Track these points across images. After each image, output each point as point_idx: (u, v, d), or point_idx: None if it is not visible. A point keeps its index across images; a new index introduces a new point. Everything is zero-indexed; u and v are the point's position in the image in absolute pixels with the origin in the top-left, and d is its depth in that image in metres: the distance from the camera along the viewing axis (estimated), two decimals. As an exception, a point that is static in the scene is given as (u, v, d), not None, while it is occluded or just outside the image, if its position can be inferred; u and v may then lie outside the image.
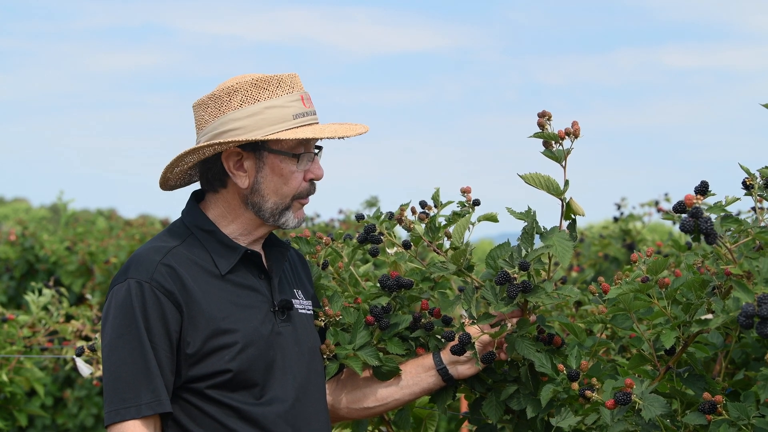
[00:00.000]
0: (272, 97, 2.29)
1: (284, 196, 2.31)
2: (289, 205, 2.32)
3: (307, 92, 2.35)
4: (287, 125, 2.28)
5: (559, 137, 2.28)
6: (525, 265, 2.27)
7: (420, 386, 2.46)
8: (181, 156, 2.31)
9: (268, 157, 2.29)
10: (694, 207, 2.01)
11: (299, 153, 2.30)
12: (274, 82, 2.30)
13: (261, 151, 2.29)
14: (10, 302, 7.89)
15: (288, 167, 2.29)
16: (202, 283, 2.24)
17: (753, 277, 2.03)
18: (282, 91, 2.30)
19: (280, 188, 2.30)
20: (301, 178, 2.31)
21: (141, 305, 2.17)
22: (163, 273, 2.21)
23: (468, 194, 2.52)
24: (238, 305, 2.26)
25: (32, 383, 4.54)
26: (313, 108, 2.35)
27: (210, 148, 2.27)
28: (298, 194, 2.32)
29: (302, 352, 2.34)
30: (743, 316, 1.93)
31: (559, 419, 2.27)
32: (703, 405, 2.15)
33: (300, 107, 2.31)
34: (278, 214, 2.32)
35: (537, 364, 2.32)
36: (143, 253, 2.25)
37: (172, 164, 2.33)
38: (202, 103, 2.33)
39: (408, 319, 2.51)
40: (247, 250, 2.32)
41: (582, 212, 2.31)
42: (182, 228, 2.33)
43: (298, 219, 2.34)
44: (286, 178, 2.30)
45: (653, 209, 6.28)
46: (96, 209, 14.95)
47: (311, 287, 2.55)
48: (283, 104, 2.29)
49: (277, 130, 2.27)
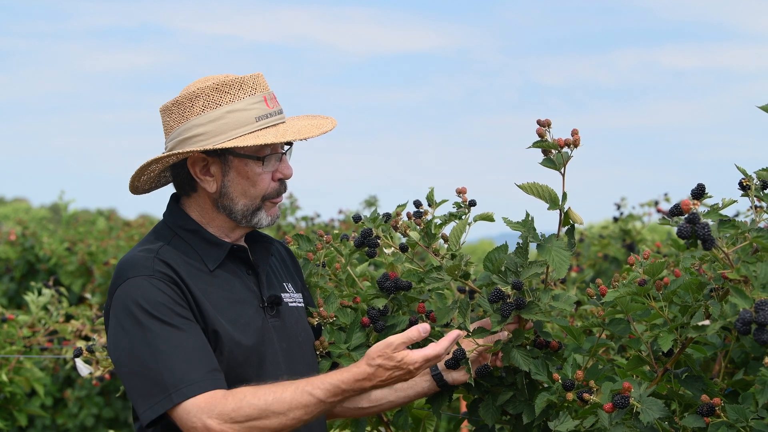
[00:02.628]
0: (234, 100, 2.28)
1: (253, 198, 2.31)
2: (259, 206, 2.32)
3: (271, 92, 2.34)
4: (249, 128, 2.27)
5: (559, 146, 2.27)
6: (518, 285, 2.27)
7: (414, 390, 2.46)
8: (145, 166, 2.31)
9: (233, 161, 2.29)
10: (691, 212, 2.00)
11: (264, 155, 2.29)
12: (236, 84, 2.29)
13: (226, 155, 2.29)
14: (10, 302, 7.89)
15: (253, 170, 2.29)
16: (195, 279, 2.24)
17: (750, 282, 2.03)
18: (244, 94, 2.30)
19: (248, 190, 2.30)
20: (269, 179, 2.31)
21: (157, 292, 2.17)
22: (162, 267, 2.21)
23: (464, 195, 2.50)
24: (230, 300, 2.27)
25: (32, 383, 4.54)
26: (279, 107, 2.34)
27: (172, 156, 2.27)
28: (268, 195, 2.32)
29: (293, 346, 2.34)
30: (741, 323, 1.92)
31: (557, 423, 2.27)
32: (702, 407, 2.15)
33: (263, 109, 2.30)
34: (250, 216, 2.32)
35: (533, 372, 2.32)
36: (134, 256, 2.25)
37: (137, 174, 2.33)
38: (166, 108, 2.33)
39: (405, 321, 2.51)
40: (234, 245, 2.33)
41: (580, 221, 2.30)
42: (166, 229, 2.34)
43: (271, 217, 2.34)
44: (252, 181, 2.29)
45: (653, 209, 6.28)
46: (96, 209, 14.94)
47: (301, 279, 2.55)
48: (245, 107, 2.29)
49: (239, 134, 2.26)
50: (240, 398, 2.12)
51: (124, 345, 2.17)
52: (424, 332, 2.11)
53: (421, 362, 2.14)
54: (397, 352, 2.11)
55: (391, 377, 2.14)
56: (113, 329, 2.21)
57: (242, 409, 2.11)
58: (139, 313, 2.15)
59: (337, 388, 2.12)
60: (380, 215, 2.58)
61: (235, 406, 2.10)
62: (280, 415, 2.11)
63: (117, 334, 2.19)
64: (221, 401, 2.11)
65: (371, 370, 2.12)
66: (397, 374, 2.14)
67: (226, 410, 2.10)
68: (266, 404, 2.11)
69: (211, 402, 2.11)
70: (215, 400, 2.12)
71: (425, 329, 2.12)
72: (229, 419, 2.10)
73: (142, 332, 2.15)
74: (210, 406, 2.11)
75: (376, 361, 2.11)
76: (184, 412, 2.11)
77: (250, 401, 2.11)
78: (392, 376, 2.13)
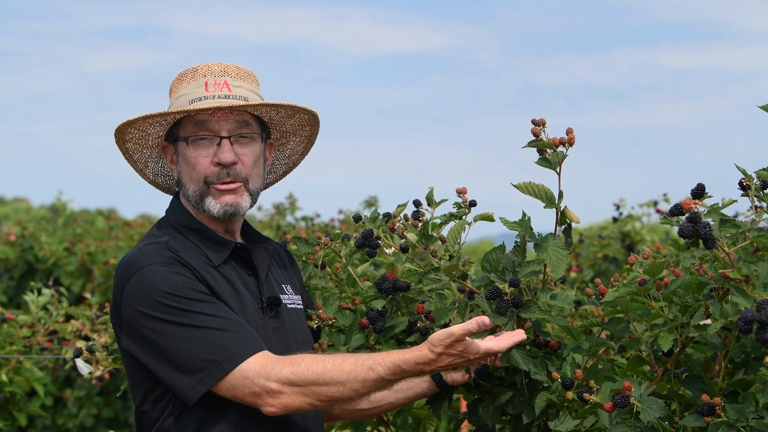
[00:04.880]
0: (183, 87, 2.37)
1: (197, 182, 2.32)
2: (204, 191, 2.32)
3: (223, 79, 2.35)
4: (177, 111, 2.30)
5: (554, 145, 2.27)
6: (515, 282, 2.27)
7: (414, 391, 2.45)
8: (127, 156, 2.44)
9: (180, 145, 2.34)
10: (693, 212, 2.00)
11: (188, 136, 2.31)
12: (190, 72, 2.38)
13: (177, 141, 2.35)
14: (10, 302, 7.89)
15: (190, 152, 2.32)
16: (203, 271, 2.25)
17: (751, 281, 2.03)
18: (191, 80, 2.37)
19: (191, 174, 2.33)
20: (206, 162, 2.31)
21: (176, 276, 2.18)
22: (174, 256, 2.23)
23: (464, 195, 2.49)
24: (233, 297, 2.27)
25: (32, 383, 4.55)
26: (226, 92, 2.33)
27: (120, 143, 2.39)
28: (208, 178, 2.31)
29: (292, 347, 2.34)
30: (742, 322, 1.92)
31: (557, 423, 2.27)
32: (702, 407, 2.15)
33: (200, 92, 2.33)
34: (199, 201, 2.33)
35: (532, 372, 2.32)
36: (142, 249, 2.26)
37: (133, 164, 2.47)
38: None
39: (404, 322, 2.50)
40: (237, 244, 2.34)
41: (577, 219, 2.30)
42: (168, 226, 2.36)
43: (220, 205, 2.31)
44: (192, 164, 2.32)
45: (652, 209, 6.29)
46: (96, 209, 14.95)
47: (300, 282, 2.55)
48: (185, 92, 2.34)
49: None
50: (297, 362, 2.12)
51: (154, 330, 2.16)
52: (482, 325, 2.12)
53: (482, 354, 2.17)
54: (459, 342, 2.12)
55: (451, 364, 2.17)
56: (134, 319, 2.19)
57: (301, 372, 2.11)
58: (164, 297, 2.15)
59: (398, 368, 2.14)
60: (380, 215, 2.58)
61: (294, 370, 2.11)
62: (338, 384, 2.12)
63: (141, 322, 2.18)
64: (277, 364, 2.12)
65: (433, 356, 2.14)
66: (457, 362, 2.17)
67: (284, 373, 2.11)
68: (325, 371, 2.12)
69: (266, 365, 2.12)
70: (270, 363, 2.12)
71: (483, 322, 2.12)
72: (288, 382, 2.11)
73: (170, 314, 2.15)
74: (266, 369, 2.11)
75: (437, 349, 2.13)
76: (241, 378, 2.12)
77: (309, 366, 2.12)
78: (452, 362, 2.17)
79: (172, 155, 2.38)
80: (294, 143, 2.55)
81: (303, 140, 2.54)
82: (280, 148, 2.56)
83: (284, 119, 2.46)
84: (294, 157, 2.59)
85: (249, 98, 2.34)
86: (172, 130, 2.37)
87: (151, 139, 2.41)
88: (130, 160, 2.45)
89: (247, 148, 2.33)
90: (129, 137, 2.39)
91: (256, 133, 2.36)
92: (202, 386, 2.13)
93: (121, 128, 2.35)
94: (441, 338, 2.13)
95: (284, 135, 2.53)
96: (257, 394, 2.11)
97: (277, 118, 2.45)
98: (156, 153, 2.45)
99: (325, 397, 2.13)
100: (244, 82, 2.38)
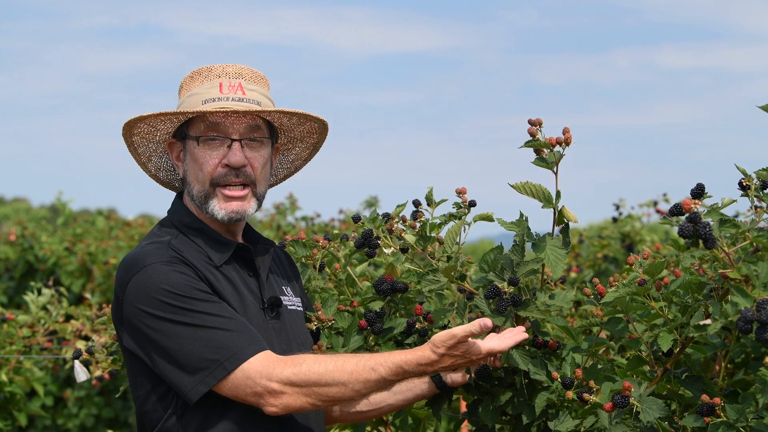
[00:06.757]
0: (196, 86, 2.36)
1: (203, 182, 2.31)
2: (209, 193, 2.31)
3: (237, 81, 2.35)
4: (193, 111, 2.30)
5: (551, 144, 2.27)
6: (514, 281, 2.27)
7: (413, 392, 2.44)
8: (133, 151, 2.44)
9: (189, 144, 2.33)
10: (693, 212, 2.00)
11: (198, 135, 2.30)
12: (205, 72, 2.37)
13: (185, 139, 2.34)
14: (10, 302, 7.89)
15: (199, 152, 2.31)
16: (206, 270, 2.25)
17: (751, 281, 2.03)
18: (205, 79, 2.36)
19: (197, 174, 2.32)
20: (214, 163, 2.30)
21: (178, 275, 2.18)
22: (177, 255, 2.23)
23: (463, 195, 2.49)
24: (234, 297, 2.27)
25: (32, 383, 4.55)
26: (240, 95, 2.33)
27: (127, 136, 2.38)
28: (214, 180, 2.31)
29: (292, 348, 2.34)
30: (742, 321, 1.93)
31: (557, 423, 2.27)
32: (702, 407, 2.15)
33: (214, 93, 2.33)
34: (203, 202, 2.32)
35: (532, 372, 2.32)
36: (144, 249, 2.26)
37: (137, 157, 2.46)
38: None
39: (402, 324, 2.50)
40: (239, 244, 2.34)
41: (574, 219, 2.30)
42: (170, 225, 2.36)
43: (225, 210, 2.31)
44: (200, 164, 2.31)
45: (652, 209, 6.29)
46: (96, 209, 14.94)
47: (299, 284, 2.55)
48: (198, 92, 2.33)
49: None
50: (299, 362, 2.13)
51: (156, 329, 2.16)
52: (484, 327, 2.12)
53: (484, 354, 2.18)
54: (461, 343, 2.13)
55: (453, 364, 2.18)
56: (136, 317, 2.19)
57: (302, 373, 2.11)
58: (166, 296, 2.15)
59: (399, 368, 2.14)
60: (380, 215, 2.58)
61: (296, 370, 2.11)
62: (340, 384, 2.12)
63: (143, 320, 2.17)
64: (279, 364, 2.12)
65: (435, 357, 2.14)
66: (459, 362, 2.18)
67: (286, 373, 2.11)
68: (327, 371, 2.12)
69: (268, 365, 2.12)
70: (272, 363, 2.12)
71: (485, 324, 2.12)
72: (290, 382, 2.11)
73: (172, 313, 2.15)
74: (268, 369, 2.11)
75: (440, 350, 2.14)
76: (243, 378, 2.12)
77: (311, 366, 2.12)
78: (454, 363, 2.18)
79: (179, 152, 2.38)
80: (300, 149, 2.56)
81: (309, 147, 2.55)
82: (284, 153, 2.57)
83: (295, 126, 2.47)
84: (297, 162, 2.60)
85: (262, 102, 2.35)
86: (181, 128, 2.37)
87: (159, 135, 2.41)
88: (134, 153, 2.45)
89: (256, 152, 2.34)
90: (137, 131, 2.40)
91: (266, 137, 2.36)
92: (204, 386, 2.13)
93: (131, 122, 2.35)
94: (443, 339, 2.13)
95: (291, 141, 2.53)
96: (259, 394, 2.12)
97: (288, 124, 2.46)
98: (161, 148, 2.45)
99: (326, 397, 2.13)
100: (257, 86, 2.39)
